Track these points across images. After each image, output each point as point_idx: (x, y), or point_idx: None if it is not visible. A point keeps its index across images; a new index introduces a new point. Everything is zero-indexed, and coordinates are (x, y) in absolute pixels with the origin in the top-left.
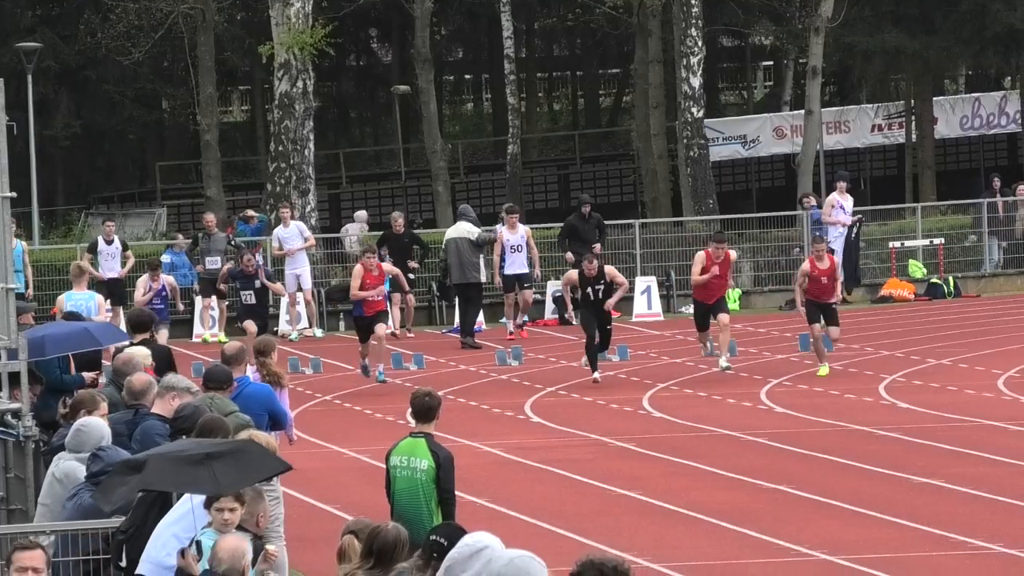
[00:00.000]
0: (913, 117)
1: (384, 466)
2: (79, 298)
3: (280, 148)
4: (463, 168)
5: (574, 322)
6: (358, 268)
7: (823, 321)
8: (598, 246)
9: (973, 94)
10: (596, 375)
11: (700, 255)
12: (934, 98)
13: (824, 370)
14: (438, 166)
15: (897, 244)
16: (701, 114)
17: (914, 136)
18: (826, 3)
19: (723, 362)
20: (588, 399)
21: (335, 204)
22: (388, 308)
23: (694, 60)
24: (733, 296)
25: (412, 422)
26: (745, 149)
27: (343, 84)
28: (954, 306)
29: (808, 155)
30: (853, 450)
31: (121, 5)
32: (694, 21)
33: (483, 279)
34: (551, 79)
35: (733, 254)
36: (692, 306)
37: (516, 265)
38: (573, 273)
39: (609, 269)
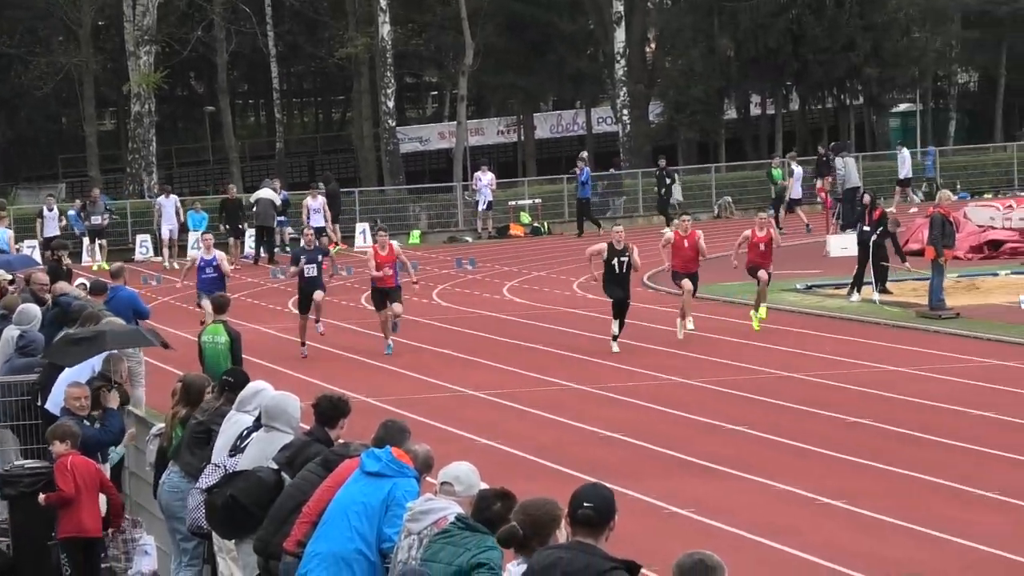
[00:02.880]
0: (522, 126)
1: (197, 341)
2: None
3: (134, 146)
4: (248, 157)
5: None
6: (371, 249)
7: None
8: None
9: (557, 111)
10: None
11: (669, 234)
12: (534, 114)
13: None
14: (232, 156)
15: (513, 202)
16: (394, 124)
17: (523, 137)
18: (468, 56)
19: (689, 324)
20: (333, 299)
21: (169, 181)
22: (398, 284)
23: (389, 91)
24: (415, 235)
25: (213, 314)
26: (422, 145)
27: (174, 106)
28: (547, 240)
29: (458, 149)
30: (487, 323)
31: (36, 60)
32: (389, 66)
33: (275, 225)
34: (303, 102)
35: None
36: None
37: (316, 222)
38: (601, 244)
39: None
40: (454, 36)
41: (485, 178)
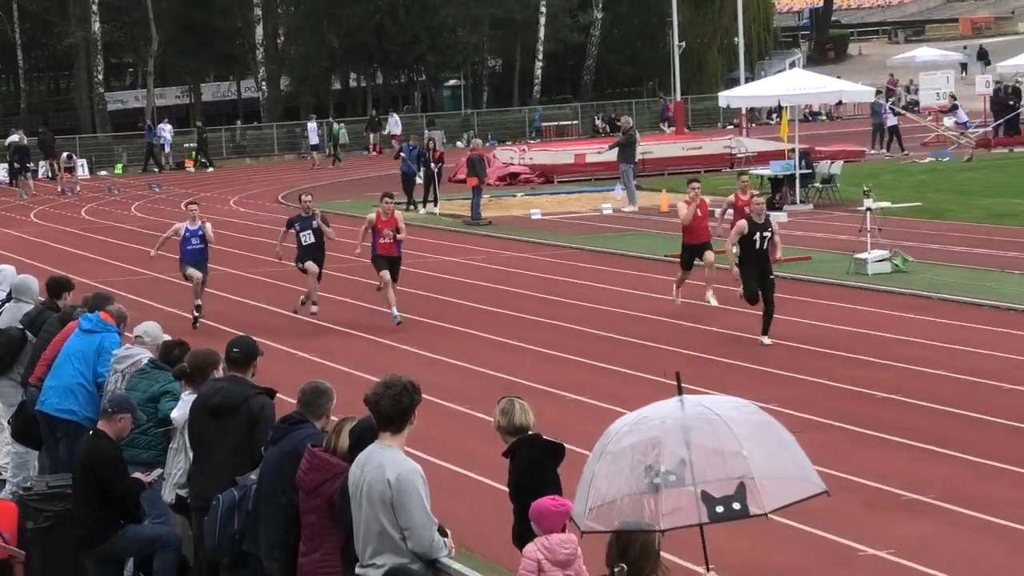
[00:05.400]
0: (192, 92)
1: None
2: None
3: None
4: (2, 114)
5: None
6: (371, 215)
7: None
8: None
9: (217, 82)
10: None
11: (681, 205)
12: (202, 84)
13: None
14: None
15: (187, 145)
16: (103, 91)
17: (193, 100)
18: (154, 44)
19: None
20: (59, 211)
21: None
22: (400, 255)
23: (99, 68)
24: (118, 167)
25: None
26: (123, 105)
27: None
28: (211, 173)
29: (148, 109)
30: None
31: None
32: (99, 52)
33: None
34: (40, 76)
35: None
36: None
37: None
38: (740, 222)
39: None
40: (144, 31)
41: (166, 128)
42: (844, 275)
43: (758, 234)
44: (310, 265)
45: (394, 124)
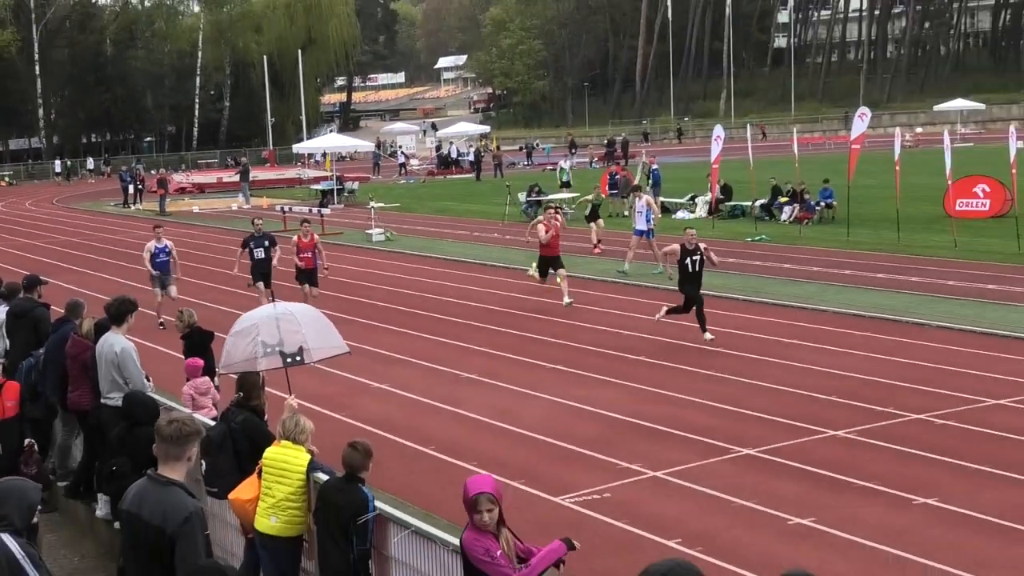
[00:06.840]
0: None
1: None
2: None
3: None
4: None
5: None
6: (295, 238)
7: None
8: None
9: (20, 139)
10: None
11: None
12: (10, 140)
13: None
14: None
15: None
16: None
17: (4, 149)
18: None
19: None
20: None
21: None
22: (315, 267)
23: None
24: None
25: None
26: None
27: None
28: (16, 188)
29: None
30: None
31: None
32: None
33: None
34: None
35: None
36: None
37: None
38: (674, 245)
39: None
40: None
41: None
42: (362, 242)
43: (689, 258)
44: (260, 287)
45: (90, 163)
